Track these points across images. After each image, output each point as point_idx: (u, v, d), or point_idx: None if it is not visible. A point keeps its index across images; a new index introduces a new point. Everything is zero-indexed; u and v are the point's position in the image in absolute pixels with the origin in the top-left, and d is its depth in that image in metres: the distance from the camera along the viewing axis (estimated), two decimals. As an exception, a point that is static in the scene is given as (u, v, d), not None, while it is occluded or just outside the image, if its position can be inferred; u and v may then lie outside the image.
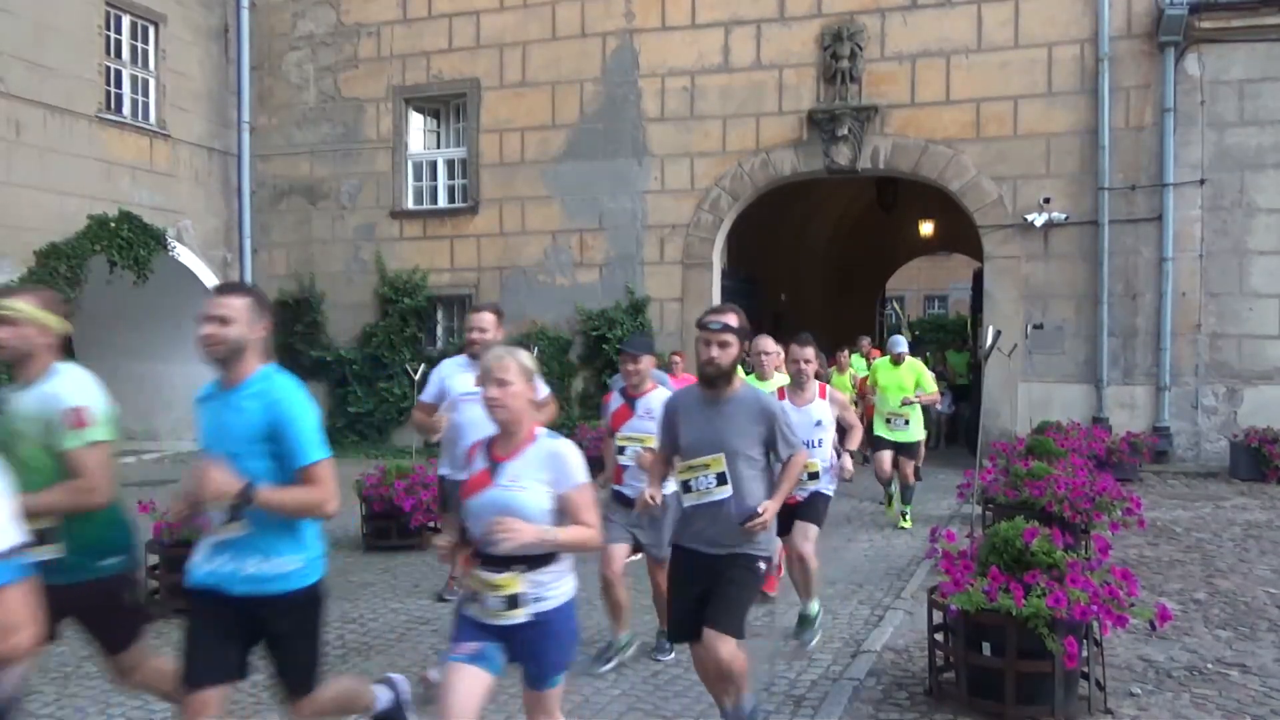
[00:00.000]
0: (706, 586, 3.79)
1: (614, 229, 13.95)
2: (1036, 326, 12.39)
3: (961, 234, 16.56)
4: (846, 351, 12.87)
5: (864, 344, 14.52)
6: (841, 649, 5.51)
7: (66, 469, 3.23)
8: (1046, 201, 12.25)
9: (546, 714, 3.18)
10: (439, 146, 15.35)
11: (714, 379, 3.75)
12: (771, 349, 6.16)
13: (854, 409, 11.51)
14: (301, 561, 3.17)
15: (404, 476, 7.90)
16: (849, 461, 5.66)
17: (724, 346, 3.68)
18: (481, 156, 14.54)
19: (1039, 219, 12.22)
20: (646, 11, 13.72)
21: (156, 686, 3.58)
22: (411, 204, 15.12)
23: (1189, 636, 5.61)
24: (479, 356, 4.56)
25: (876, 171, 13.39)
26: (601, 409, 5.65)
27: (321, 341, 15.17)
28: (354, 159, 15.15)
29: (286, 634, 3.19)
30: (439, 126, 15.37)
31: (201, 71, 14.88)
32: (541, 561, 3.03)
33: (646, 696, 4.77)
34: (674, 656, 5.27)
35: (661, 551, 4.89)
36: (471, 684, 3.02)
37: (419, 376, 10.07)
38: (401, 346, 14.57)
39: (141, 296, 13.79)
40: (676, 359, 10.25)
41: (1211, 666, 5.11)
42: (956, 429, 16.21)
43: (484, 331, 5.30)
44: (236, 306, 3.09)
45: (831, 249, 21.84)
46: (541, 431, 3.19)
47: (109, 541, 3.41)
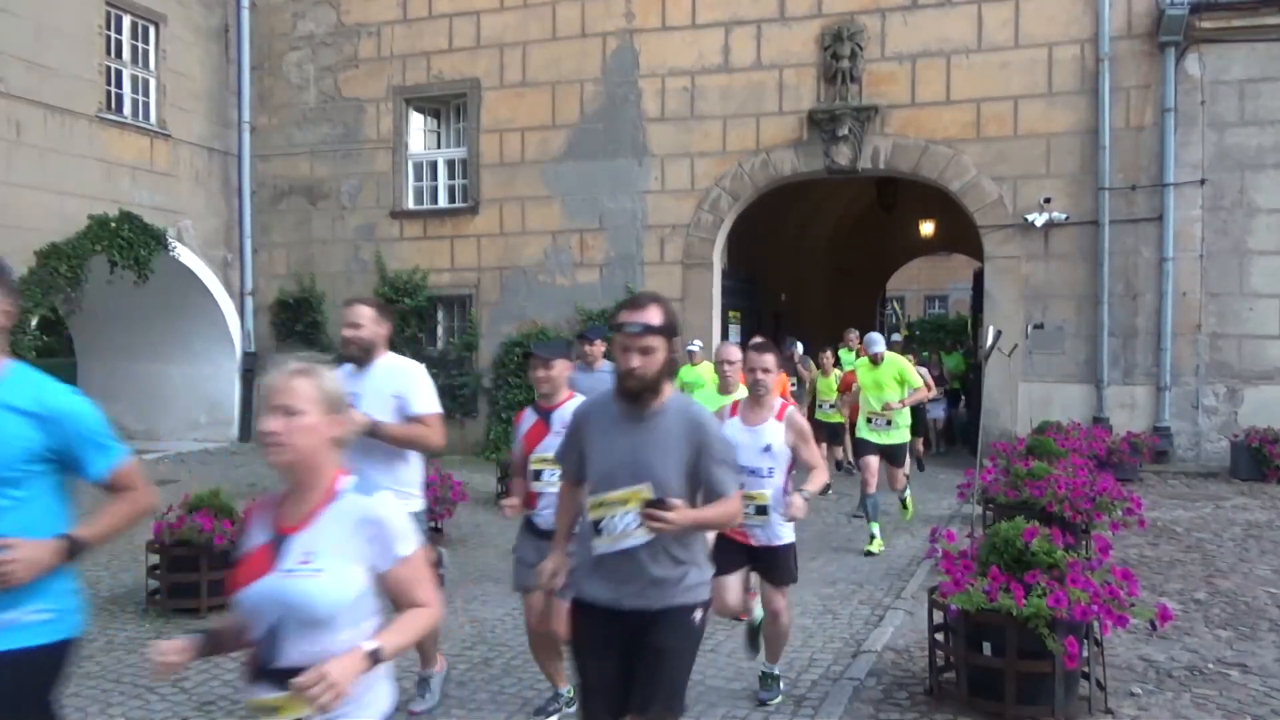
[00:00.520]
0: (626, 654, 2.98)
1: (614, 229, 13.95)
2: (1037, 326, 12.39)
3: (962, 234, 16.57)
4: (829, 352, 11.82)
5: (851, 338, 13.36)
6: (842, 649, 5.51)
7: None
8: (1047, 201, 12.24)
9: None
10: (439, 146, 15.34)
11: (637, 393, 2.93)
12: (735, 358, 5.63)
13: (841, 411, 11.11)
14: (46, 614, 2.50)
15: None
16: (799, 500, 4.35)
17: (647, 352, 2.89)
18: (482, 156, 14.54)
19: (1039, 219, 12.22)
20: (647, 11, 13.72)
21: None
22: (412, 204, 15.12)
23: (1189, 636, 5.61)
24: (358, 361, 4.31)
25: (877, 171, 13.38)
26: (513, 430, 4.74)
27: (322, 342, 15.14)
28: (354, 159, 15.15)
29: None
30: (439, 126, 15.37)
31: (202, 71, 14.88)
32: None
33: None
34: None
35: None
36: None
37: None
38: (402, 347, 14.48)
39: (142, 296, 13.81)
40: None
41: (1212, 666, 5.12)
42: (952, 431, 15.98)
43: (358, 328, 4.29)
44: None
45: (832, 249, 21.85)
46: (346, 483, 2.24)
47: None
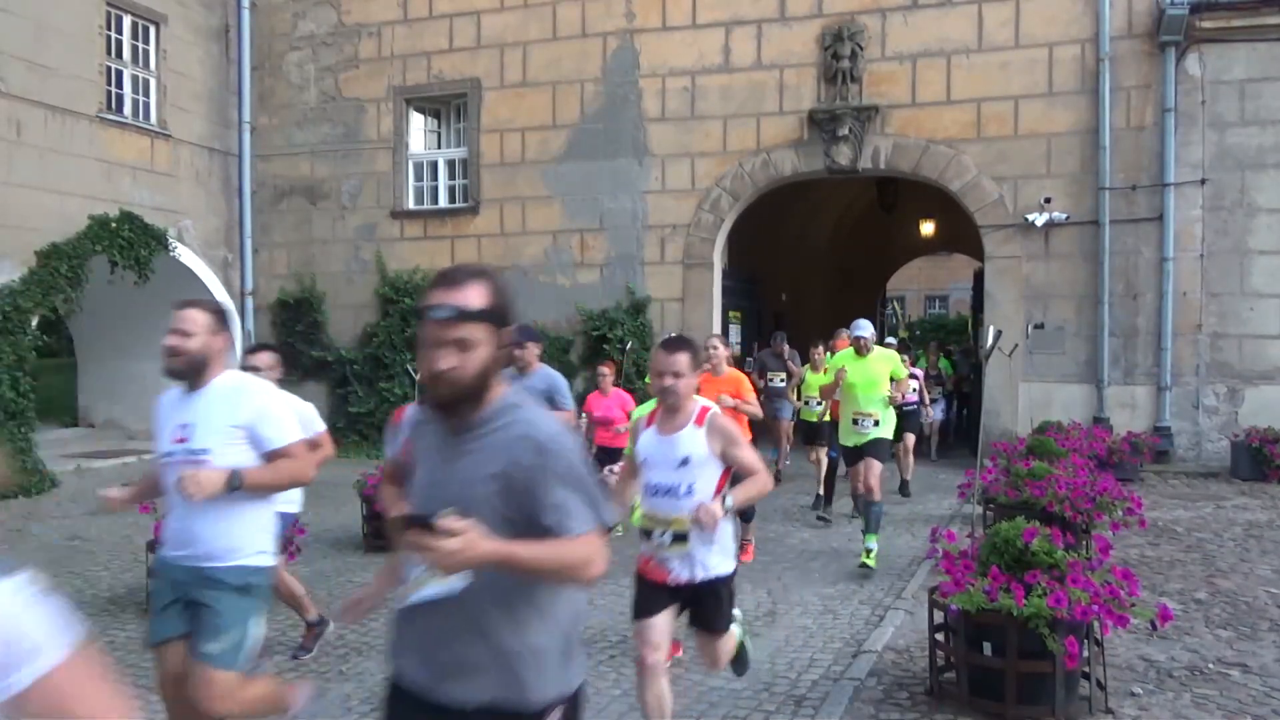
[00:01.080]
0: None
1: (614, 229, 13.95)
2: (1037, 326, 12.39)
3: (962, 234, 16.56)
4: (821, 348, 10.79)
5: (840, 343, 12.23)
6: (842, 649, 5.51)
7: None
8: (1047, 201, 12.24)
9: None
10: (439, 146, 15.34)
11: (450, 404, 2.10)
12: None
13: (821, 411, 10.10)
14: None
15: (404, 476, 7.88)
16: (717, 507, 3.66)
17: (464, 347, 2.04)
18: (482, 156, 14.54)
19: (1040, 219, 12.22)
20: (647, 11, 13.72)
21: None
22: (412, 204, 15.12)
23: (1190, 636, 5.61)
24: (186, 379, 3.49)
25: (877, 171, 13.38)
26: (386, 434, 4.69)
27: (322, 341, 15.18)
28: (355, 159, 15.15)
29: None
30: (439, 126, 15.37)
31: (202, 71, 14.88)
32: None
33: (647, 696, 4.76)
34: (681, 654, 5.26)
35: None
36: None
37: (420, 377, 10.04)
38: (402, 347, 14.57)
39: (142, 296, 13.80)
40: (604, 370, 9.07)
41: (1213, 666, 5.11)
42: (948, 436, 15.50)
43: (186, 337, 3.44)
44: None
45: (832, 249, 21.85)
46: None
47: None
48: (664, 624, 3.78)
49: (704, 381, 5.97)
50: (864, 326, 7.79)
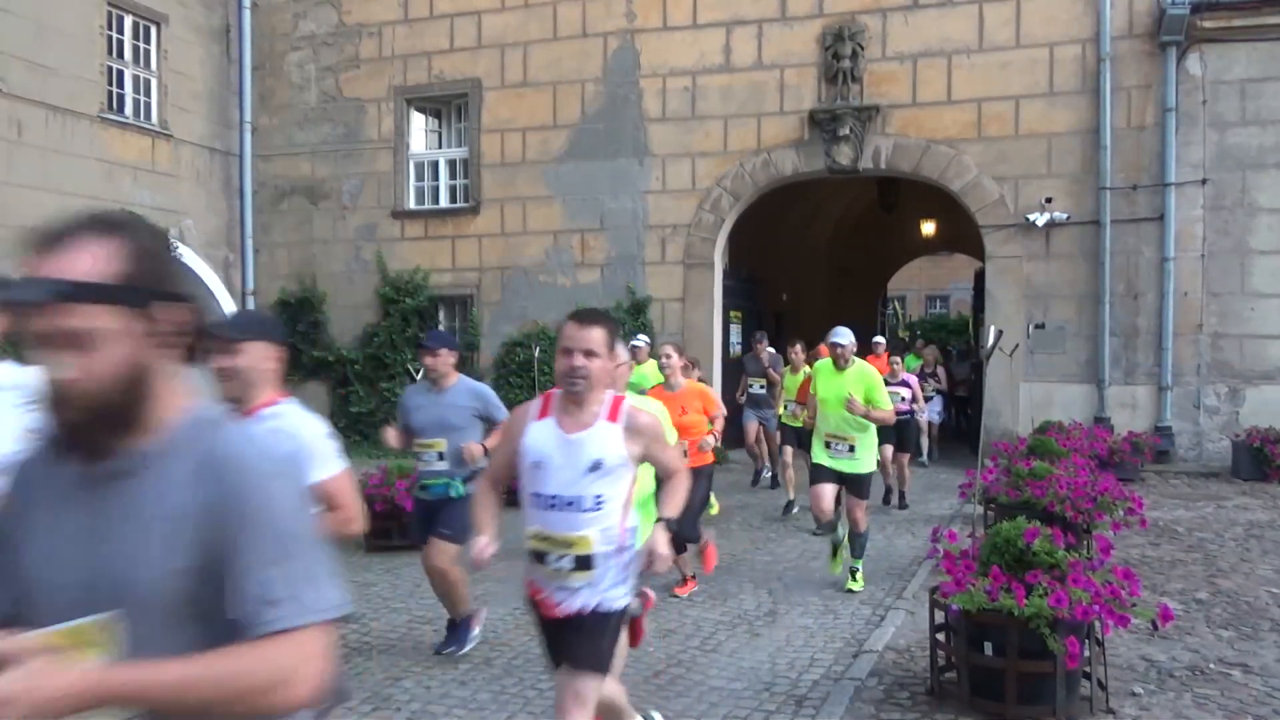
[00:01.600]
0: None
1: (615, 229, 13.95)
2: (1038, 326, 12.39)
3: (963, 234, 16.55)
4: (800, 348, 10.03)
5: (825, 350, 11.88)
6: (843, 649, 5.51)
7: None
8: (1048, 201, 12.24)
9: None
10: (440, 146, 15.35)
11: (81, 431, 1.39)
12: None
13: (800, 416, 9.22)
14: None
15: (406, 476, 7.89)
16: (663, 543, 3.10)
17: (76, 344, 1.35)
18: (483, 156, 14.54)
19: (1040, 219, 12.22)
20: (648, 11, 13.72)
21: None
22: (413, 204, 15.13)
23: (1191, 636, 5.61)
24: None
25: (878, 171, 13.38)
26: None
27: (323, 341, 15.19)
28: (355, 159, 15.16)
29: None
30: (440, 126, 15.38)
31: (203, 71, 14.89)
32: None
33: (649, 696, 4.76)
34: (677, 656, 5.27)
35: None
36: None
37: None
38: (403, 347, 14.57)
39: (143, 297, 13.82)
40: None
41: (1214, 666, 5.11)
42: (944, 435, 14.91)
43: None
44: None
45: (833, 249, 21.84)
46: None
47: None
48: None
49: (660, 398, 5.82)
50: (843, 334, 6.79)
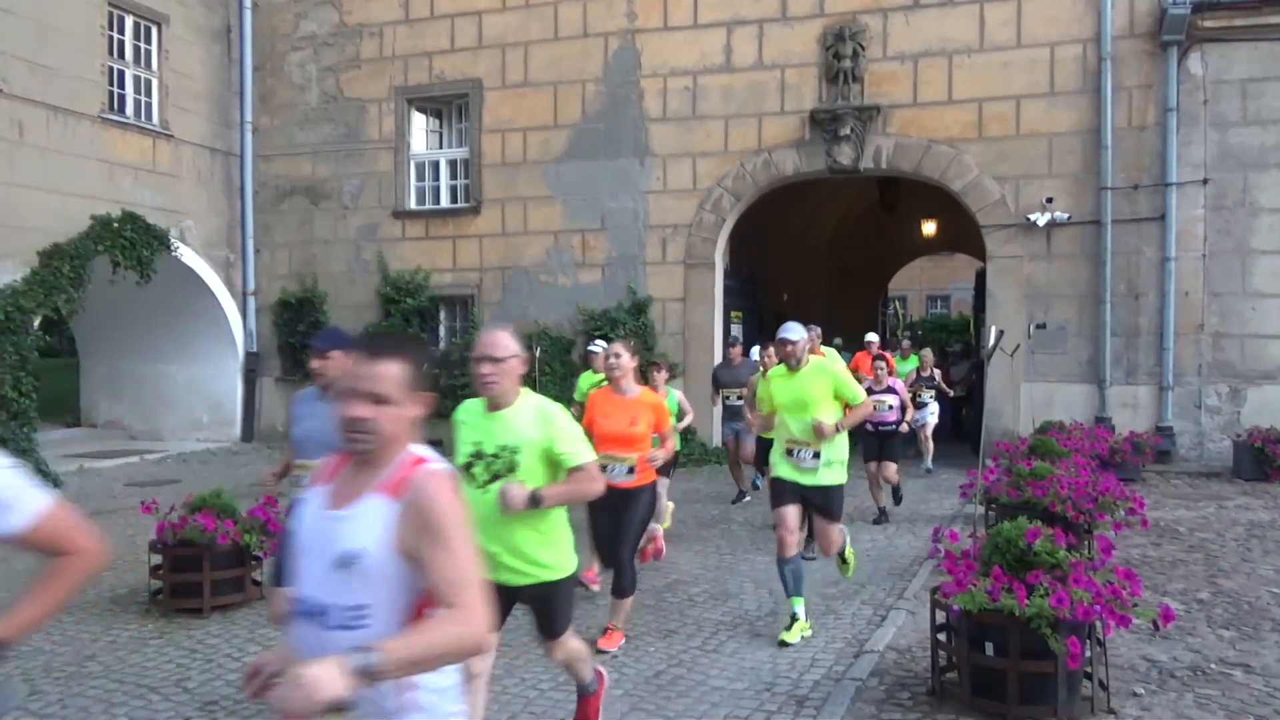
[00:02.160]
0: None
1: (616, 229, 13.96)
2: (1039, 326, 12.38)
3: (963, 234, 16.55)
4: (772, 350, 7.73)
5: (812, 335, 9.16)
6: (844, 649, 5.51)
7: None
8: (1049, 201, 12.24)
9: None
10: (441, 146, 15.35)
11: None
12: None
13: (752, 429, 7.95)
14: None
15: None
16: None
17: None
18: (483, 156, 14.55)
19: (1041, 219, 12.21)
20: (648, 11, 13.72)
21: None
22: (414, 204, 15.13)
23: (1192, 636, 5.61)
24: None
25: (879, 171, 13.37)
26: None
27: (324, 342, 15.19)
28: (356, 159, 15.16)
29: None
30: (441, 126, 15.38)
31: (204, 72, 14.90)
32: None
33: (649, 696, 4.77)
34: (678, 656, 5.27)
35: None
36: None
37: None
38: (404, 347, 14.56)
39: (144, 297, 13.83)
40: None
41: (1215, 666, 5.11)
42: (941, 438, 13.88)
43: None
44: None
45: (833, 249, 21.84)
46: None
47: None
48: None
49: (608, 403, 5.52)
50: (793, 329, 5.75)
